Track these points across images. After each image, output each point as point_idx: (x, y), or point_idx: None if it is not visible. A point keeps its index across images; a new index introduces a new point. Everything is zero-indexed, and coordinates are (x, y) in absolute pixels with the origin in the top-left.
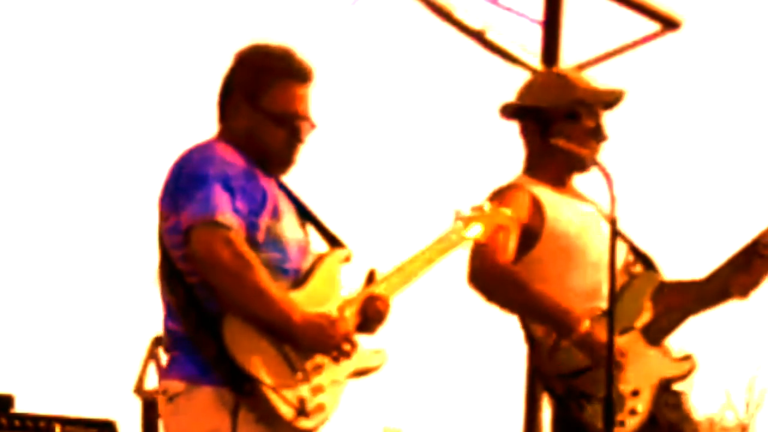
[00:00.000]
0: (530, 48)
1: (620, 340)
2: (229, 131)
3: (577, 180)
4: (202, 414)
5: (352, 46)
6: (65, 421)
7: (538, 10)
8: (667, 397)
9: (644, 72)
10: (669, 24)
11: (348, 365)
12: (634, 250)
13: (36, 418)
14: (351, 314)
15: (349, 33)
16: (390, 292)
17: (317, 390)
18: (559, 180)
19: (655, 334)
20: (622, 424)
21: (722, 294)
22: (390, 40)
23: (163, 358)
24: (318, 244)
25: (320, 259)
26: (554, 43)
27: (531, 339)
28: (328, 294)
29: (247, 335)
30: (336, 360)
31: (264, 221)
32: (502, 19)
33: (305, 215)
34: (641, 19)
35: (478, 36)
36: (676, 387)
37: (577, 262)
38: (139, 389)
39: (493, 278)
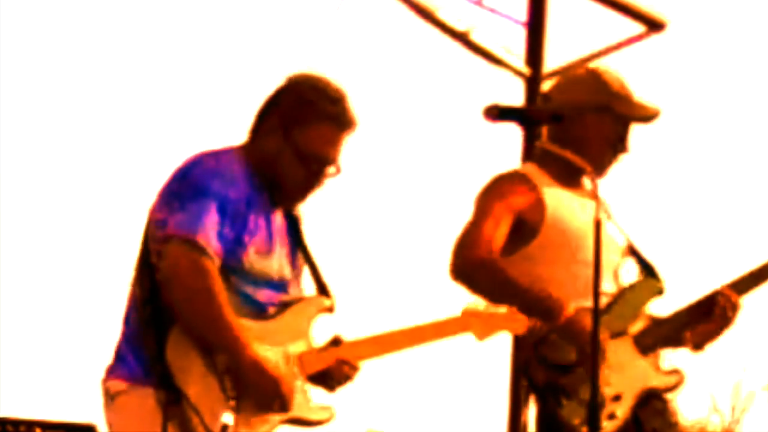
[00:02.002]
0: (514, 49)
1: (607, 346)
2: (254, 148)
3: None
4: (142, 414)
5: (337, 47)
6: (46, 426)
7: (522, 12)
8: (654, 403)
9: (629, 73)
10: (654, 25)
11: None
12: (637, 257)
13: (16, 423)
14: (312, 361)
15: (333, 34)
16: (363, 356)
17: (244, 423)
18: (566, 176)
19: (648, 343)
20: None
21: (674, 340)
22: (374, 41)
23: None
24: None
25: (299, 301)
26: (538, 44)
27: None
28: (294, 336)
29: (189, 349)
30: (263, 410)
31: (248, 253)
32: (486, 20)
33: (302, 253)
34: (626, 21)
35: (462, 37)
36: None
37: (574, 260)
38: None
39: (474, 270)
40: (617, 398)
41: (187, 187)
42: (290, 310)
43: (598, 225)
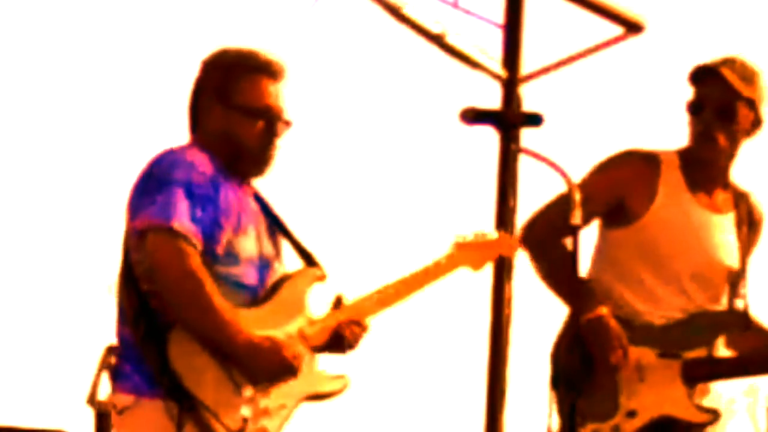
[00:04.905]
0: (491, 52)
1: (652, 360)
2: (202, 136)
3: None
4: (151, 427)
5: (310, 49)
6: None
7: (499, 14)
8: None
9: (607, 76)
10: (632, 27)
11: (300, 389)
12: (732, 287)
13: None
14: (315, 333)
15: (306, 36)
16: (367, 314)
17: (262, 413)
18: (699, 181)
19: (696, 375)
20: None
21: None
22: (348, 43)
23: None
24: (294, 262)
25: (289, 277)
26: (515, 47)
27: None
28: (291, 313)
29: (192, 351)
30: (274, 382)
31: (225, 234)
32: (462, 23)
33: (280, 231)
34: (604, 23)
35: (438, 40)
36: None
37: (659, 269)
38: (92, 399)
39: (534, 245)
40: (632, 414)
41: (152, 182)
42: (282, 288)
43: (576, 229)
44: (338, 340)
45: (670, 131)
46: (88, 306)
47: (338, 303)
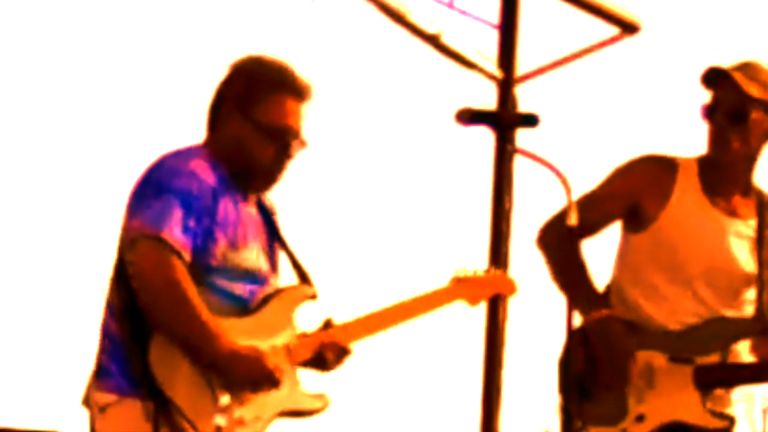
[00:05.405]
0: (487, 52)
1: (663, 365)
2: (216, 141)
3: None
4: (133, 425)
5: (306, 49)
6: None
7: (495, 14)
8: None
9: (602, 76)
10: (628, 28)
11: (277, 403)
12: (759, 292)
13: None
14: (299, 349)
15: (302, 36)
16: (355, 337)
17: (237, 423)
18: (716, 187)
19: (709, 381)
20: None
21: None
22: (343, 44)
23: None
24: (289, 277)
25: (280, 292)
26: (511, 47)
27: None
28: (277, 327)
29: (173, 355)
30: (254, 392)
31: (220, 247)
32: (457, 23)
33: (279, 244)
34: (599, 23)
35: (434, 40)
36: None
37: (672, 274)
38: (87, 400)
39: (550, 243)
40: (640, 418)
41: (150, 188)
42: (272, 301)
43: (571, 231)
44: (321, 359)
45: (667, 131)
46: (85, 307)
47: (328, 324)
